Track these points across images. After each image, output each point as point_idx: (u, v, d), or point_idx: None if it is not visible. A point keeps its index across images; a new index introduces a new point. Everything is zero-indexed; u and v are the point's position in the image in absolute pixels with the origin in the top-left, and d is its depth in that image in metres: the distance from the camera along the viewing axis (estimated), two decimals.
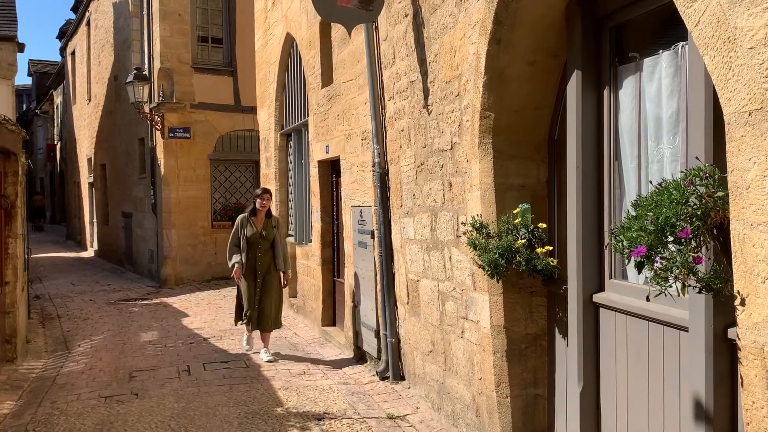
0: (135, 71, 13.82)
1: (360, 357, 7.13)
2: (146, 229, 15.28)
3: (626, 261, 2.48)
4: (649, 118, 3.41)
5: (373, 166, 6.36)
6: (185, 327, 9.35)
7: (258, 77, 11.64)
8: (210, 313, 10.39)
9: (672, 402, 3.18)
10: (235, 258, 7.22)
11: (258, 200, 7.32)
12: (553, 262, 3.98)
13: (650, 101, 3.39)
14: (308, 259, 9.20)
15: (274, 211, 11.10)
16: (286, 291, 10.28)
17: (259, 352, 7.43)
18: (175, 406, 5.68)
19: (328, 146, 8.05)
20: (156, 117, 13.81)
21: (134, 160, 16.03)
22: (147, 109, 13.91)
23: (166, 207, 13.95)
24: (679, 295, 2.33)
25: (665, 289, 2.28)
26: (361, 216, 6.93)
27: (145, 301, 11.93)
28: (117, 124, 17.26)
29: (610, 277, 3.69)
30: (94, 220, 20.70)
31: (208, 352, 7.72)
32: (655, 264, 2.27)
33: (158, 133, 13.99)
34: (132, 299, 12.19)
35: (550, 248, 4.03)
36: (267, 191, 7.45)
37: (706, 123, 2.74)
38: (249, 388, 6.17)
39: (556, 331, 4.22)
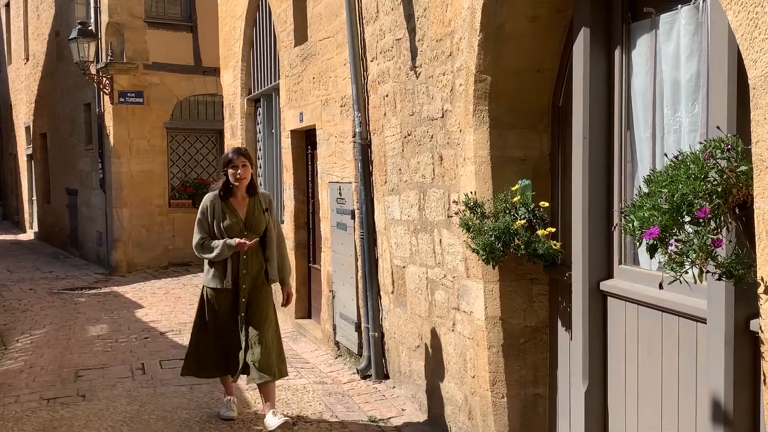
0: (79, 26, 13.63)
1: (338, 353, 7.16)
2: (94, 208, 15.18)
3: (637, 244, 2.50)
4: (666, 82, 3.42)
5: (354, 136, 6.35)
6: (139, 320, 9.34)
7: (221, 34, 11.53)
8: (167, 304, 10.38)
9: (687, 402, 3.22)
10: (216, 242, 5.13)
11: (230, 170, 5.13)
12: (556, 245, 4.00)
13: (667, 63, 3.40)
14: None
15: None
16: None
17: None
18: (127, 408, 5.68)
19: (302, 114, 8.01)
20: (104, 79, 13.68)
21: (79, 129, 15.88)
22: (93, 71, 13.75)
23: (117, 183, 13.87)
24: (695, 282, 2.35)
25: (680, 275, 2.30)
26: (340, 194, 6.93)
27: (93, 291, 11.89)
28: (59, 88, 17.06)
29: (620, 263, 3.72)
30: (34, 197, 20.52)
31: (166, 347, 7.72)
32: (670, 247, 2.29)
33: (107, 98, 13.87)
34: (78, 288, 12.14)
35: (553, 230, 4.05)
36: (241, 152, 5.20)
37: (729, 88, 2.75)
38: (212, 388, 6.17)
39: (559, 323, 4.26)
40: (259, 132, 10.36)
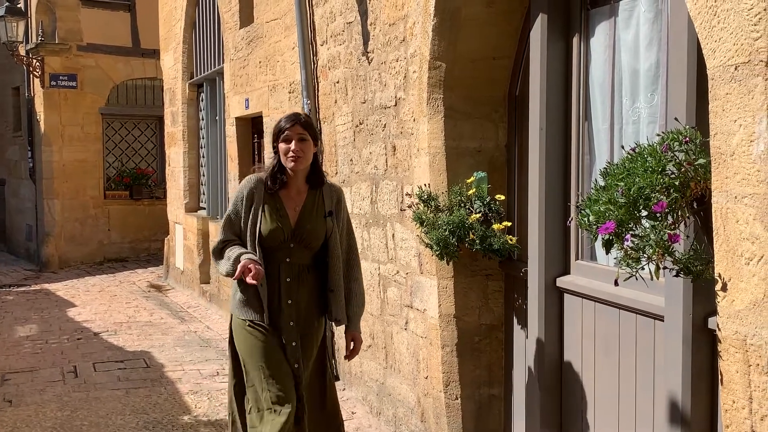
0: (7, 4, 13.32)
1: None
2: (23, 199, 14.88)
3: (593, 239, 2.53)
4: (625, 71, 3.47)
5: None
6: (72, 319, 9.19)
7: (162, 13, 11.36)
8: (102, 303, 10.24)
9: (644, 402, 3.29)
10: (233, 251, 3.60)
11: (282, 145, 3.59)
12: (511, 240, 4.04)
13: (626, 51, 3.45)
14: None
15: (184, 179, 10.97)
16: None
17: None
18: (58, 414, 5.59)
19: (248, 100, 7.94)
20: (34, 61, 13.40)
21: (7, 115, 15.57)
22: (23, 52, 13.49)
23: (48, 172, 13.61)
24: (652, 278, 2.40)
25: (636, 271, 2.34)
26: None
27: (22, 288, 11.68)
28: None
29: (577, 258, 3.77)
30: None
31: (100, 349, 7.61)
32: (626, 242, 2.33)
33: (37, 82, 13.60)
34: (5, 285, 11.92)
35: (509, 224, 4.08)
36: (298, 120, 3.62)
37: (688, 78, 2.80)
38: (150, 392, 6.11)
39: (515, 320, 4.30)
40: (202, 119, 10.25)
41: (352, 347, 3.85)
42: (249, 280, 3.43)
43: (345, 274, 3.77)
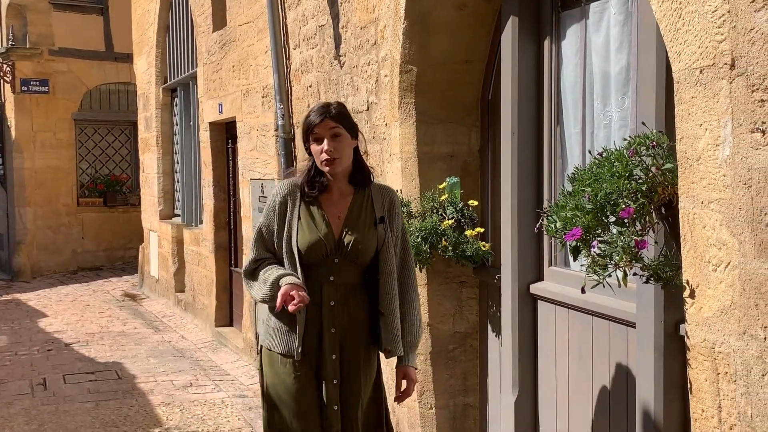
0: None
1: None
2: None
3: (560, 245, 2.52)
4: (596, 74, 3.46)
5: (276, 129, 6.28)
6: (43, 330, 9.09)
7: (134, 17, 11.30)
8: (74, 313, 10.15)
9: (618, 410, 3.28)
10: (269, 272, 3.07)
11: (314, 145, 3.06)
12: (485, 246, 4.02)
13: (597, 55, 3.45)
14: (198, 245, 9.05)
15: (159, 186, 10.90)
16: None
17: None
18: (25, 428, 5.51)
19: (221, 105, 7.90)
20: (5, 66, 13.30)
21: None
22: None
23: (19, 180, 13.50)
24: (619, 285, 2.39)
25: (603, 278, 2.33)
26: (263, 191, 6.86)
27: None
28: None
29: (550, 264, 3.76)
30: None
31: (71, 361, 7.53)
32: (593, 249, 2.32)
33: (8, 87, 13.50)
34: None
35: (482, 230, 4.07)
36: (329, 112, 3.05)
37: (656, 82, 2.79)
38: (121, 404, 6.05)
39: (489, 328, 4.29)
40: (176, 124, 10.19)
41: (404, 387, 3.25)
42: (291, 308, 2.89)
43: (399, 294, 3.15)
